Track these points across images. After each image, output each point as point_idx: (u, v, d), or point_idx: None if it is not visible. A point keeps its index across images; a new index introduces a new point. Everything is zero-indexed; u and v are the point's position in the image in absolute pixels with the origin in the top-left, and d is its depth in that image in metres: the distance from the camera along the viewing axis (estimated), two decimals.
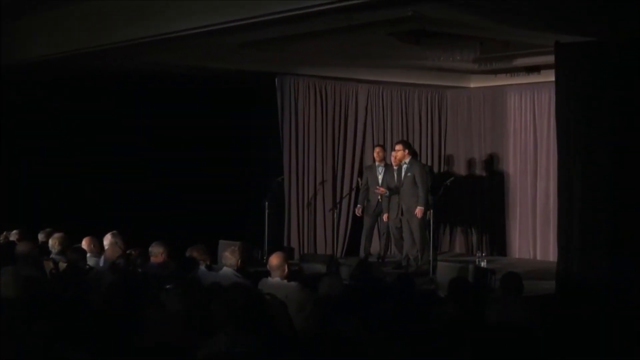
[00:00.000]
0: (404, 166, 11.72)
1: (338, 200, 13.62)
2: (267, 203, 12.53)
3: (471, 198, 14.74)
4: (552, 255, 12.72)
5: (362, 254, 12.59)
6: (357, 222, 13.33)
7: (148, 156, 12.91)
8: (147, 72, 12.34)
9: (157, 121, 12.90)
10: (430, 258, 11.42)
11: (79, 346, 4.44)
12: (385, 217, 12.17)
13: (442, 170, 14.82)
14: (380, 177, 12.50)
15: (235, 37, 9.79)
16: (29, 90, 12.32)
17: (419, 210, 11.50)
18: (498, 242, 14.41)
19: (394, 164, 12.02)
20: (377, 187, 12.15)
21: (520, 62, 12.69)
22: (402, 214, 11.77)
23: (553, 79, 9.87)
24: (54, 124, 12.31)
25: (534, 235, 14.03)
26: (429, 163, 14.45)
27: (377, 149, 12.80)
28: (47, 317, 4.91)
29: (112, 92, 12.64)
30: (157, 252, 8.25)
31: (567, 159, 9.57)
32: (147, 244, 8.40)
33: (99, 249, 9.14)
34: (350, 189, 13.71)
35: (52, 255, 9.09)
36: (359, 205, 12.77)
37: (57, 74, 12.06)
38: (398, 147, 11.91)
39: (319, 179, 13.62)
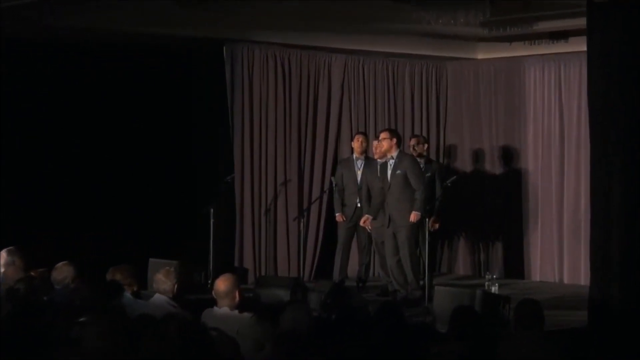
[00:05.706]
0: (391, 162, 11.64)
1: (305, 206, 13.64)
2: (212, 210, 12.52)
3: (479, 203, 14.81)
4: (583, 278, 12.83)
5: (336, 276, 12.62)
6: (330, 234, 13.35)
7: (57, 147, 12.82)
8: (56, 40, 12.27)
9: (71, 102, 12.83)
10: (426, 282, 11.46)
11: None
12: (363, 221, 12.01)
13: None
14: (359, 174, 12.54)
15: None
16: None
17: (413, 215, 11.46)
18: (513, 261, 14.50)
19: (376, 157, 11.93)
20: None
21: (543, 26, 12.78)
22: (388, 225, 11.72)
23: (584, 48, 9.93)
24: None
25: (560, 251, 14.11)
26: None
27: (358, 138, 12.84)
28: None
29: (14, 65, 12.52)
30: (61, 277, 8.21)
31: (603, 151, 9.62)
32: (55, 263, 8.39)
33: None
34: (322, 191, 13.73)
35: None
36: (338, 213, 12.79)
37: None
38: (383, 135, 11.78)
39: (280, 179, 13.63)
